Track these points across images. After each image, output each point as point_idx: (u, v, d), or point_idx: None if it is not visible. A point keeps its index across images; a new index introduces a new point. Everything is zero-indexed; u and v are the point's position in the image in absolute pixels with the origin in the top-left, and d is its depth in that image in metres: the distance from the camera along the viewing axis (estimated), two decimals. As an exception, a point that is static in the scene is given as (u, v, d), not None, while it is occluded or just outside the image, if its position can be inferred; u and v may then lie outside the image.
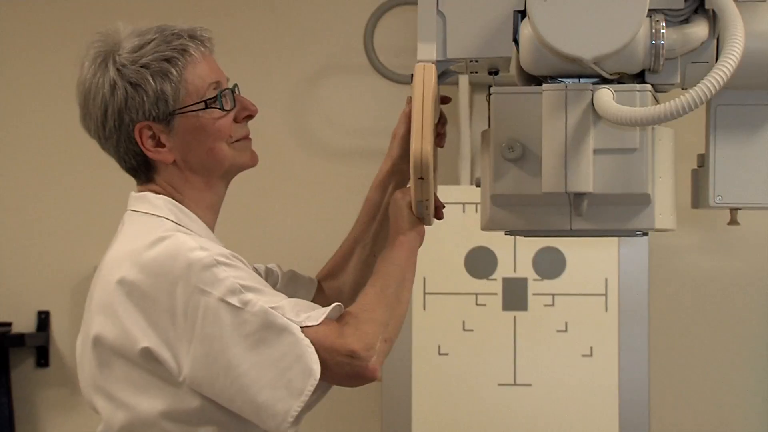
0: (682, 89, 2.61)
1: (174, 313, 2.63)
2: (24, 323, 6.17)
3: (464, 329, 4.93)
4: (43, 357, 6.24)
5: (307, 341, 2.54)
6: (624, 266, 4.89)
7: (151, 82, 2.73)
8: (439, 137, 2.91)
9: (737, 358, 5.30)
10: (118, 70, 2.75)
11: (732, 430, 5.40)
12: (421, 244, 2.83)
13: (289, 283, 3.26)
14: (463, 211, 4.91)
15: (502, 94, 2.70)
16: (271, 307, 2.59)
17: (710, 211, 2.91)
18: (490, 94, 2.71)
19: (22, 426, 6.06)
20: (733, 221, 2.76)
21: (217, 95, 2.82)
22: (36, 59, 6.10)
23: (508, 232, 2.78)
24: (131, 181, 2.98)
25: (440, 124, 2.91)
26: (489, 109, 2.69)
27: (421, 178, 2.61)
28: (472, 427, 4.88)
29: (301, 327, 2.56)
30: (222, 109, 2.83)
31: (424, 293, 4.91)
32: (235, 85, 2.88)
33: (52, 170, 6.12)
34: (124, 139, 2.80)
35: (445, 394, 4.88)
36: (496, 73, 2.89)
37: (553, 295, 4.94)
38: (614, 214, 2.69)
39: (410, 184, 2.71)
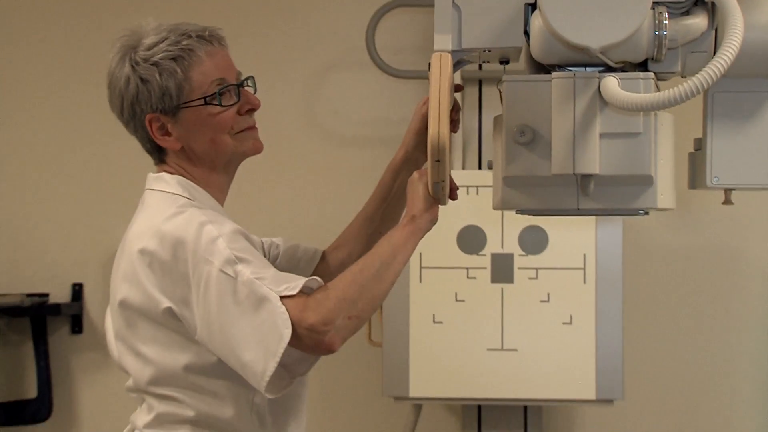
0: (682, 77, 2.50)
1: (188, 278, 2.61)
2: (60, 294, 6.03)
3: (456, 300, 4.81)
4: (77, 325, 6.13)
5: (284, 309, 2.49)
6: (600, 243, 4.78)
7: (158, 79, 2.69)
8: (453, 123, 2.74)
9: (703, 325, 5.22)
10: (132, 66, 2.73)
11: (698, 390, 5.26)
12: (434, 223, 2.72)
13: (292, 258, 3.16)
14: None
15: (513, 82, 2.53)
16: (257, 278, 2.54)
17: (678, 194, 2.72)
18: (503, 83, 2.54)
19: (58, 386, 5.93)
20: (727, 201, 2.61)
21: (216, 92, 2.73)
22: (70, 42, 5.88)
23: (519, 211, 2.62)
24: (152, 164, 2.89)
25: (454, 111, 2.74)
26: (501, 97, 2.55)
27: (438, 161, 2.47)
28: (463, 388, 4.78)
29: (280, 296, 2.50)
30: (220, 104, 2.74)
31: (421, 267, 4.79)
32: (248, 78, 2.79)
33: (85, 154, 5.93)
34: (138, 126, 2.78)
35: (440, 358, 4.77)
36: (507, 62, 2.75)
37: (536, 269, 4.83)
38: (619, 194, 2.53)
39: (427, 166, 2.56)
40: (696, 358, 5.34)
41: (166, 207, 2.72)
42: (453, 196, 2.70)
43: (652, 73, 2.46)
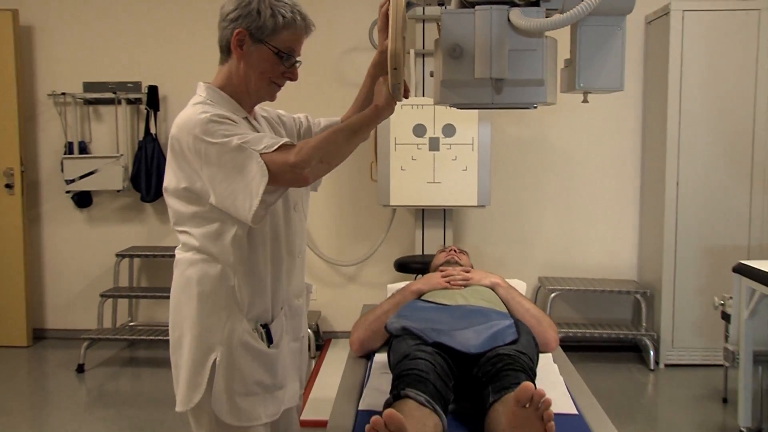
0: (561, 13, 1.51)
1: (194, 155, 1.59)
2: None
3: (412, 159, 4.07)
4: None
5: (262, 162, 1.53)
6: (480, 130, 4.04)
7: (269, 16, 1.62)
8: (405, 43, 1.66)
9: (528, 170, 4.52)
10: None
11: (528, 199, 4.55)
12: (391, 113, 1.62)
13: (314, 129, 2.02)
14: (412, 108, 4.09)
15: (449, 14, 1.53)
16: (243, 142, 1.55)
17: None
18: (440, 16, 1.55)
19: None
20: (585, 100, 1.62)
21: (286, 54, 1.66)
22: None
23: (452, 105, 1.62)
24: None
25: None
26: (438, 27, 1.58)
27: (395, 68, 1.52)
28: (415, 200, 4.10)
29: (260, 153, 1.54)
30: (282, 62, 1.66)
31: (395, 143, 4.07)
32: (299, 62, 1.71)
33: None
34: (231, 28, 1.64)
35: (405, 186, 4.07)
36: (442, 4, 1.70)
37: (450, 144, 4.07)
38: (520, 92, 1.55)
39: (388, 73, 1.56)
40: (525, 184, 4.55)
41: (189, 103, 1.68)
42: (406, 95, 1.63)
43: (543, 9, 1.52)
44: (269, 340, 1.68)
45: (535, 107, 1.49)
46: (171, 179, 1.66)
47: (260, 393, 1.66)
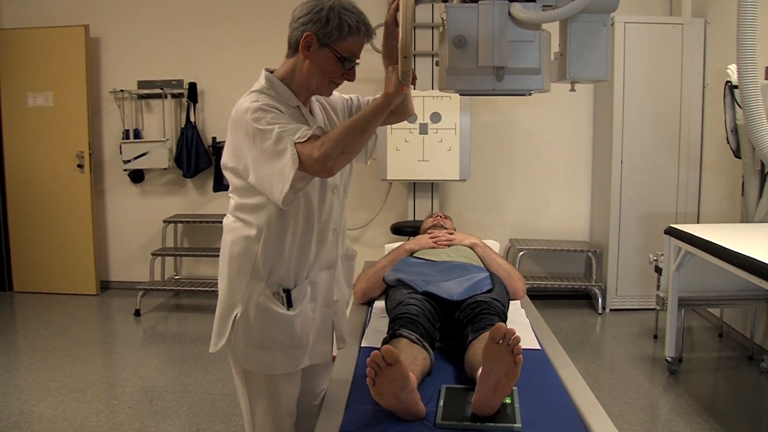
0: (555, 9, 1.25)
1: (243, 137, 1.37)
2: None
3: (405, 141, 3.84)
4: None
5: (295, 151, 1.30)
6: (461, 117, 3.81)
7: (336, 24, 1.36)
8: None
9: (498, 148, 4.30)
10: (333, 5, 1.37)
11: (501, 174, 4.30)
12: (401, 98, 1.35)
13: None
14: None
15: (454, 8, 1.28)
16: (282, 131, 1.31)
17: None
18: (446, 10, 1.30)
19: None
20: (572, 89, 1.38)
21: (348, 59, 1.40)
22: None
23: (456, 91, 1.36)
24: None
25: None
26: (445, 18, 1.30)
27: (405, 57, 1.25)
28: (408, 174, 3.88)
29: (294, 143, 1.30)
30: (342, 66, 1.40)
31: (391, 128, 3.84)
32: (357, 63, 1.44)
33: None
34: (301, 30, 1.38)
35: (399, 164, 3.86)
36: (446, 0, 1.38)
37: (437, 129, 3.84)
38: (519, 79, 1.29)
39: (398, 61, 1.30)
40: (498, 162, 4.33)
41: (250, 89, 1.44)
42: (413, 82, 1.38)
43: (540, 4, 1.27)
44: (289, 304, 1.49)
45: (531, 94, 1.27)
46: (225, 154, 1.47)
47: (277, 348, 1.49)
